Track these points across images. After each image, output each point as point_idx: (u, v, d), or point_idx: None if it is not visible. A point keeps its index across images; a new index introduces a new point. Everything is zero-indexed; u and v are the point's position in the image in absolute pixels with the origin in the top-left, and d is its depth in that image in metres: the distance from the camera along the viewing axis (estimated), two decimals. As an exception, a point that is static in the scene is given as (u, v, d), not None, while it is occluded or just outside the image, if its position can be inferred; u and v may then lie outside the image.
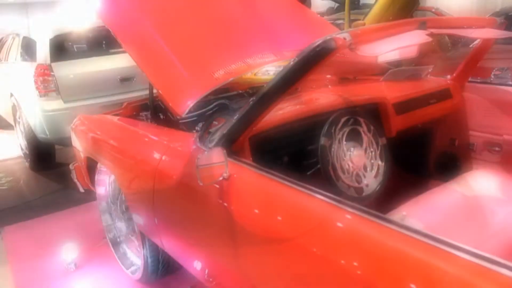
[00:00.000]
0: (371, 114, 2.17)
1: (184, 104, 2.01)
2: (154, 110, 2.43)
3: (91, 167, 2.67)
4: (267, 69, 4.64)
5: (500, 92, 2.43)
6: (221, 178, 1.45)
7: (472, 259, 0.93)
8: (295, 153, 1.94)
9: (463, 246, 0.96)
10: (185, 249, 1.93)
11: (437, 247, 0.98)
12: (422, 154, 2.80)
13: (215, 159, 1.42)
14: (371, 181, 1.83)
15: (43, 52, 4.25)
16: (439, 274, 0.95)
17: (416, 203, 1.89)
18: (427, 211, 1.81)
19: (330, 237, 1.18)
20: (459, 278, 0.93)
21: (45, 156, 4.64)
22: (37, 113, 4.18)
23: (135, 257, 2.59)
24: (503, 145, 2.41)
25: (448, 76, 2.64)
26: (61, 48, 4.38)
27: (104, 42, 4.63)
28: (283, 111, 1.91)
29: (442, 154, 2.73)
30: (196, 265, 1.87)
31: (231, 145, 1.57)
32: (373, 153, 1.87)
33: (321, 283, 1.18)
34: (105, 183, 2.68)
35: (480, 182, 2.06)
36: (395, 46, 1.50)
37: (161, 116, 2.40)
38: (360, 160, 1.80)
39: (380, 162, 1.89)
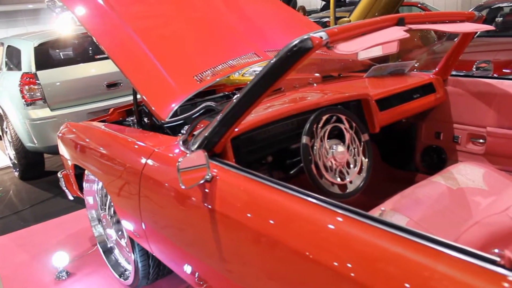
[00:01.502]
0: (354, 111, 2.18)
1: (167, 109, 2.02)
2: (139, 115, 2.43)
3: (79, 174, 2.67)
4: (255, 69, 4.66)
5: (482, 84, 2.45)
6: (203, 181, 1.46)
7: (461, 256, 0.92)
8: (279, 153, 1.95)
9: (452, 243, 0.96)
10: (174, 253, 1.93)
11: (427, 246, 0.98)
12: (408, 149, 2.82)
13: (196, 161, 1.42)
14: (355, 177, 1.84)
15: (28, 60, 4.23)
16: (430, 272, 0.95)
17: (401, 197, 1.90)
18: (412, 205, 1.82)
19: (317, 237, 1.18)
20: (449, 276, 0.92)
21: (34, 165, 4.62)
22: (24, 122, 4.16)
23: (126, 262, 2.59)
24: (487, 137, 2.44)
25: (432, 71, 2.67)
26: (46, 56, 4.37)
27: (89, 48, 4.63)
28: (266, 111, 1.92)
29: (428, 147, 2.75)
30: (186, 269, 1.87)
31: (213, 147, 1.57)
32: (355, 149, 1.88)
33: (310, 284, 1.17)
34: (93, 190, 2.67)
35: (464, 175, 2.07)
36: (373, 43, 1.51)
37: (146, 121, 2.40)
38: (343, 157, 1.81)
39: (363, 158, 1.90)
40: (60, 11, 2.65)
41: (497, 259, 0.88)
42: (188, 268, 1.84)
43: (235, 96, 1.49)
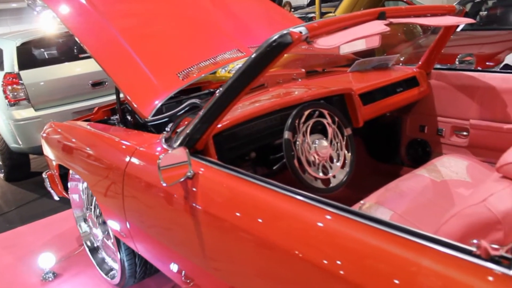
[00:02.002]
0: (337, 106, 2.18)
1: (150, 106, 2.01)
2: (123, 114, 2.41)
3: (64, 174, 2.64)
4: (240, 66, 4.66)
5: (465, 77, 2.47)
6: (184, 178, 1.45)
7: (441, 249, 0.93)
8: (262, 149, 1.95)
9: (432, 236, 0.96)
10: (159, 252, 1.92)
11: (411, 240, 0.98)
12: (393, 143, 2.84)
13: (177, 159, 1.42)
14: (338, 172, 1.84)
15: (10, 60, 4.18)
16: (416, 267, 0.95)
17: (386, 191, 1.91)
18: (396, 199, 1.83)
19: (301, 233, 1.18)
20: (430, 268, 0.93)
21: (20, 166, 4.57)
22: (8, 123, 4.11)
23: (113, 262, 2.58)
24: (470, 129, 2.46)
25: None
26: (30, 56, 4.32)
27: (73, 47, 4.58)
28: (249, 107, 1.92)
29: (412, 141, 2.77)
30: (172, 268, 1.86)
31: (195, 144, 1.56)
32: (338, 144, 1.89)
33: (297, 280, 1.17)
34: (78, 190, 2.65)
35: (448, 167, 2.09)
36: (353, 37, 1.51)
37: (130, 119, 2.38)
38: (325, 152, 1.81)
39: (346, 153, 1.90)
40: (41, 9, 2.61)
41: (473, 249, 0.89)
42: (174, 267, 1.84)
43: (216, 93, 1.48)
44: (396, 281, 0.95)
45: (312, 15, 6.54)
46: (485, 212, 1.09)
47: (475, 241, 0.89)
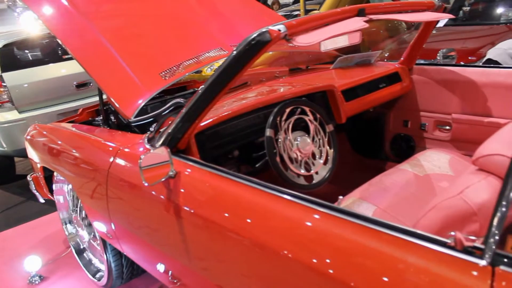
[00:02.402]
0: (320, 103, 2.20)
1: (133, 107, 2.00)
2: (106, 115, 2.40)
3: (49, 176, 2.63)
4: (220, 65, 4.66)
5: (446, 72, 2.50)
6: (166, 178, 1.45)
7: (424, 244, 0.94)
8: (245, 147, 1.95)
9: (410, 229, 0.98)
10: (145, 252, 1.92)
11: (394, 236, 0.99)
12: (377, 138, 2.86)
13: (159, 158, 1.42)
14: (321, 168, 1.86)
15: (-8, 62, 4.13)
16: (396, 260, 0.96)
17: (369, 186, 1.93)
18: (379, 194, 1.85)
19: (281, 230, 1.19)
20: (412, 263, 0.94)
21: (5, 169, 4.52)
22: (-8, 125, 4.06)
23: (100, 263, 2.57)
24: (452, 124, 2.49)
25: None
26: (13, 57, 4.27)
27: (57, 48, 4.54)
28: (231, 105, 1.92)
29: (396, 136, 2.80)
30: (159, 268, 1.86)
31: (177, 143, 1.56)
32: (320, 140, 1.90)
33: (285, 278, 1.18)
34: (64, 191, 2.64)
35: (431, 161, 2.12)
36: (332, 34, 1.52)
37: (113, 120, 2.37)
38: (308, 149, 1.82)
39: (328, 149, 1.92)
40: (22, 11, 2.59)
41: (448, 241, 0.90)
42: (161, 267, 1.84)
43: (197, 92, 1.49)
44: (385, 278, 0.95)
45: (297, 12, 6.55)
46: (461, 204, 1.11)
47: (452, 233, 0.91)
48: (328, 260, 1.05)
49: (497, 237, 0.83)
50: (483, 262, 0.84)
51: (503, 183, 0.85)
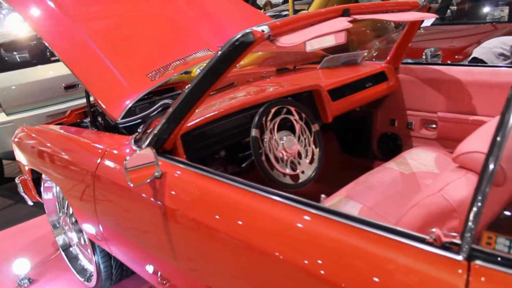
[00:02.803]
0: (306, 102, 2.21)
1: (120, 108, 2.00)
2: (94, 116, 2.40)
3: (37, 178, 2.62)
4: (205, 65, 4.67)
5: (431, 71, 2.52)
6: (150, 179, 1.45)
7: (405, 241, 0.96)
8: (231, 147, 1.96)
9: (397, 229, 1.00)
10: (134, 253, 1.92)
11: (377, 234, 1.00)
12: (365, 137, 2.89)
13: (145, 159, 1.42)
14: (307, 167, 1.87)
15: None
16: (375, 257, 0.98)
17: (356, 184, 1.95)
18: (366, 192, 1.87)
19: (268, 230, 1.19)
20: (393, 260, 0.95)
21: (-7, 172, 4.50)
22: (-21, 128, 4.04)
23: (89, 265, 2.56)
24: (438, 122, 2.52)
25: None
26: (0, 59, 4.24)
27: (45, 50, 4.51)
28: (217, 106, 1.93)
29: (383, 135, 2.82)
30: (148, 269, 1.86)
31: (163, 144, 1.57)
32: (306, 140, 1.91)
33: (273, 278, 1.19)
34: (52, 194, 2.63)
35: (417, 159, 2.14)
36: (315, 35, 1.53)
37: (101, 121, 2.37)
38: (293, 148, 1.84)
39: (314, 148, 1.93)
40: (8, 12, 2.58)
41: (427, 237, 0.92)
42: (149, 268, 1.84)
43: (181, 93, 1.49)
44: (375, 279, 0.97)
45: (286, 12, 6.57)
46: (441, 201, 1.13)
47: (433, 229, 0.93)
48: (320, 262, 1.06)
49: (473, 233, 0.85)
50: (459, 257, 0.85)
51: (478, 179, 0.87)
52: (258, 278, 1.23)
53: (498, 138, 0.88)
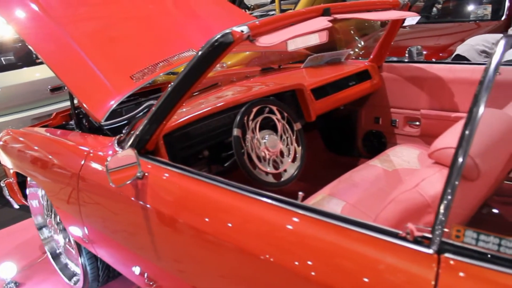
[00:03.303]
0: (289, 101, 2.23)
1: (103, 110, 2.00)
2: (78, 118, 2.39)
3: (22, 182, 2.60)
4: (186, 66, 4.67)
5: (414, 69, 2.55)
6: (131, 180, 1.46)
7: (381, 236, 0.98)
8: (214, 147, 1.97)
9: (373, 225, 1.02)
10: (120, 255, 1.92)
11: (354, 230, 1.02)
12: (350, 135, 2.91)
13: (126, 160, 1.43)
14: (289, 166, 1.89)
15: (-37, 67, 4.06)
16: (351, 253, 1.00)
17: (339, 182, 1.97)
18: (349, 189, 1.89)
19: (252, 230, 1.21)
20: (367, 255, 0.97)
21: (-21, 176, 4.45)
22: (-36, 132, 3.99)
23: (76, 267, 2.56)
24: (421, 119, 2.55)
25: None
26: (-16, 62, 4.21)
27: (30, 52, 4.47)
28: (200, 107, 1.94)
29: (368, 132, 2.85)
30: (134, 270, 1.86)
31: (146, 144, 1.58)
32: (288, 139, 1.93)
33: (261, 278, 1.19)
34: (37, 197, 2.62)
35: (400, 157, 2.16)
36: (295, 34, 1.54)
37: (85, 123, 2.37)
38: (276, 147, 1.85)
39: (296, 147, 1.95)
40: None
41: (400, 232, 0.94)
42: (136, 269, 1.84)
43: (162, 93, 1.50)
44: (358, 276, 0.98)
45: (273, 12, 6.59)
46: (417, 197, 1.15)
47: (408, 225, 0.95)
48: (310, 262, 1.07)
49: (443, 226, 0.87)
50: (430, 251, 0.87)
51: (448, 173, 0.89)
52: (243, 277, 1.25)
53: (467, 132, 0.90)
